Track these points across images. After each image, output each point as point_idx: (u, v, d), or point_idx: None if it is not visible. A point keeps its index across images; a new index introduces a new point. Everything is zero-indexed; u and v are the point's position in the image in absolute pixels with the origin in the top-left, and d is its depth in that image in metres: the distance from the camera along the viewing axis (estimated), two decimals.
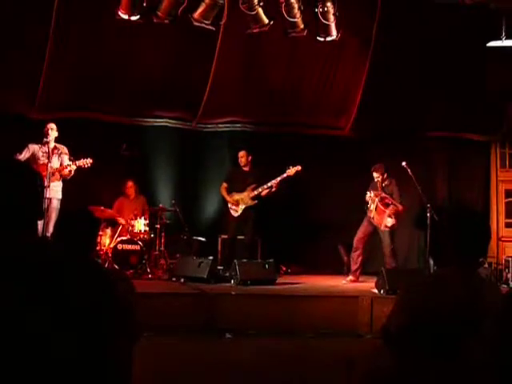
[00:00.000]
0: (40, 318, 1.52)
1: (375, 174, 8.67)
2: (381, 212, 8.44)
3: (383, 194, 8.52)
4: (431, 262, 8.48)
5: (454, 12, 8.56)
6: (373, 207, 8.53)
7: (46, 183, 7.45)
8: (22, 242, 1.65)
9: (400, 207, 8.48)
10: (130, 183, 9.62)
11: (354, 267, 8.83)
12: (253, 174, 9.11)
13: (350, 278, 8.79)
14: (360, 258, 8.76)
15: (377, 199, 8.47)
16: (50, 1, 8.04)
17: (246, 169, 9.18)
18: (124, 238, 8.90)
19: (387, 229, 8.48)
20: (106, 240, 8.99)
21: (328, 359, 5.48)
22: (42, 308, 1.53)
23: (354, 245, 8.80)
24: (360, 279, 8.80)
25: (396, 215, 8.42)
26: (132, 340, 2.46)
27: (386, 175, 8.65)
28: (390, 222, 8.40)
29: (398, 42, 8.98)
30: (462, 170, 10.72)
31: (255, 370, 5.27)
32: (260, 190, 8.95)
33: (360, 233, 8.79)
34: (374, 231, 8.73)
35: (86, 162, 7.99)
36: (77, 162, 7.96)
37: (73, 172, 7.99)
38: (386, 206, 8.42)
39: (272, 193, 8.97)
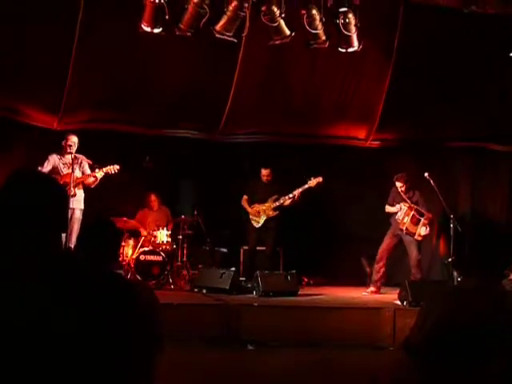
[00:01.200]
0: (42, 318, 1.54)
1: (398, 184, 8.67)
2: (416, 222, 8.48)
3: (416, 206, 8.52)
4: (455, 273, 8.39)
5: (477, 21, 8.50)
6: (407, 219, 8.49)
7: (70, 193, 7.49)
8: (45, 245, 1.67)
9: (431, 216, 8.57)
10: (153, 197, 9.66)
11: (376, 278, 8.79)
12: (274, 185, 9.12)
13: (372, 289, 8.74)
14: (383, 270, 8.73)
15: (412, 212, 8.45)
16: (75, 13, 8.14)
17: (266, 181, 9.19)
18: (146, 248, 8.92)
19: (420, 238, 8.53)
20: (129, 251, 9.02)
21: (350, 371, 5.44)
22: (45, 310, 1.55)
23: (378, 255, 8.77)
24: (381, 291, 8.75)
25: (429, 224, 8.52)
26: (154, 351, 2.46)
27: (408, 185, 8.65)
28: (424, 231, 8.51)
29: (420, 51, 8.94)
30: (485, 181, 10.61)
31: (277, 381, 5.25)
32: (281, 200, 8.95)
33: (385, 244, 8.76)
34: (399, 243, 8.69)
35: (114, 168, 7.90)
36: (104, 169, 7.86)
37: (98, 180, 7.90)
38: (421, 215, 8.47)
39: (294, 203, 8.96)
